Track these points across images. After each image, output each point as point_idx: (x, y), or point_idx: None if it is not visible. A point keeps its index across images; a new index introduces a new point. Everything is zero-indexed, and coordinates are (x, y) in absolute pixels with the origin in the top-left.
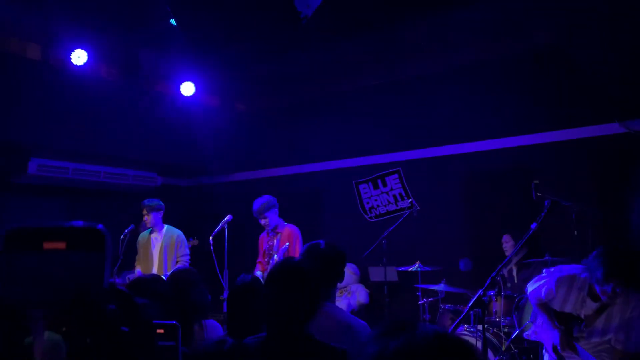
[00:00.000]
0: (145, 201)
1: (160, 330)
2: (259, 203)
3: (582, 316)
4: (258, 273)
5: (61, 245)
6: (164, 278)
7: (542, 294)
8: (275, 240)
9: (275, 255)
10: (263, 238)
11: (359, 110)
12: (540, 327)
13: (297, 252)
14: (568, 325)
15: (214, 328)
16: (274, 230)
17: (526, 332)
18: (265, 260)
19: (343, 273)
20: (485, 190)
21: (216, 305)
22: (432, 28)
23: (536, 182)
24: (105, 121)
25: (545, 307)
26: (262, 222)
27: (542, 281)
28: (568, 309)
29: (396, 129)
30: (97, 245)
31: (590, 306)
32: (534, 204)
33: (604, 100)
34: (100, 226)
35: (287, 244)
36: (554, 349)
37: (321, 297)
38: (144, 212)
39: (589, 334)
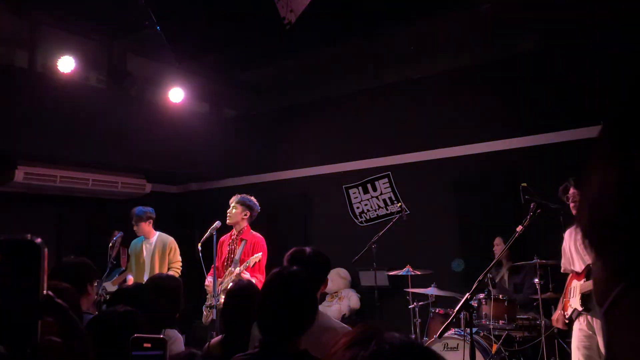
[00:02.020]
0: (133, 212)
1: (147, 345)
2: (241, 195)
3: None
4: (210, 279)
5: None
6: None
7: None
8: (239, 246)
9: (238, 268)
10: (224, 241)
11: (348, 115)
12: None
13: (263, 264)
14: None
15: (176, 340)
16: (239, 235)
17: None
18: (225, 264)
19: (327, 280)
20: (474, 193)
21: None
22: (418, 34)
23: (524, 184)
24: (93, 128)
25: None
26: (231, 210)
27: None
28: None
29: (385, 133)
30: (34, 258)
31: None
32: (522, 206)
33: (590, 103)
34: (37, 239)
35: (260, 253)
36: None
37: None
38: (133, 222)
39: None
